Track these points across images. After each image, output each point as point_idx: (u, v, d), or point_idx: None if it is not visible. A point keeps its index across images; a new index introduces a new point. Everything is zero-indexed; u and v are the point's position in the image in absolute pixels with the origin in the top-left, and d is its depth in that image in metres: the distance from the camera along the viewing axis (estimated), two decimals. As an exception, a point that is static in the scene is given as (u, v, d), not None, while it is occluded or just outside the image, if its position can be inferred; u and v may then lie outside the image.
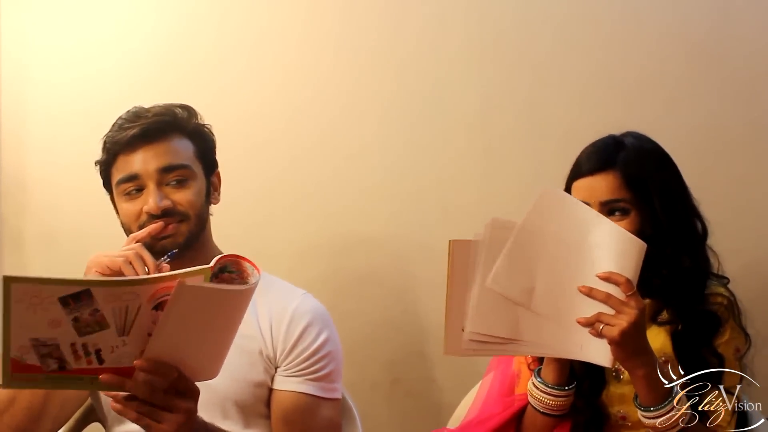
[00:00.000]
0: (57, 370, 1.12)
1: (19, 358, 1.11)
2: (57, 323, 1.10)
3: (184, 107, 1.61)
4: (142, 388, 1.17)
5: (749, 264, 1.93)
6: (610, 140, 1.58)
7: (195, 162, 1.59)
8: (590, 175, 1.52)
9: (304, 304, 1.60)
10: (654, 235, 1.47)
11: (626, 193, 1.49)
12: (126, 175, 1.55)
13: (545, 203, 1.37)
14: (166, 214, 1.52)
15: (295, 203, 2.21)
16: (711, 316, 1.50)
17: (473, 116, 2.13)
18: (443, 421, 1.68)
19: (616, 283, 1.32)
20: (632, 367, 1.36)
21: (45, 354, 1.11)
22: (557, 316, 1.37)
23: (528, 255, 1.37)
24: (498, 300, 1.37)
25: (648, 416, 1.38)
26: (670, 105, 2.02)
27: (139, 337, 1.15)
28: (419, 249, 2.17)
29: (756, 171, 2.01)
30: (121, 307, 1.12)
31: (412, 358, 2.19)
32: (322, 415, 1.55)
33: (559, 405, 1.48)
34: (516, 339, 1.38)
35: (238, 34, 2.22)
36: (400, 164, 2.17)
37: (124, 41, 2.25)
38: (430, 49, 2.14)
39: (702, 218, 1.57)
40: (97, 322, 1.11)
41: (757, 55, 2.00)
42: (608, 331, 1.30)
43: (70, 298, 1.09)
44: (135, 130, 1.54)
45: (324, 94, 2.19)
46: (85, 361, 1.13)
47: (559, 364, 1.46)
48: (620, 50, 2.06)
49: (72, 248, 2.27)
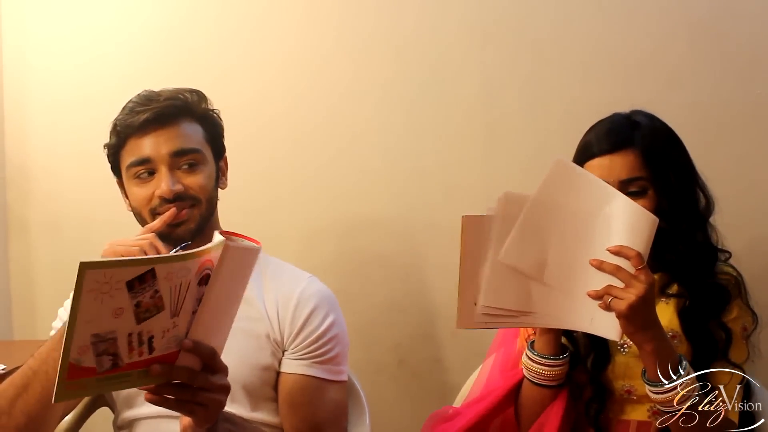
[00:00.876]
0: (110, 368, 1.07)
1: (76, 361, 1.04)
2: (120, 311, 1.04)
3: (195, 91, 1.60)
4: (186, 373, 1.15)
5: (751, 241, 1.93)
6: (622, 119, 1.57)
7: (205, 146, 1.59)
8: (608, 154, 1.52)
9: (310, 287, 1.61)
10: (671, 211, 1.48)
11: (645, 171, 1.50)
12: (137, 158, 1.54)
13: (557, 176, 1.37)
14: (177, 198, 1.51)
15: (297, 187, 2.21)
16: (720, 289, 1.51)
17: (474, 96, 2.13)
18: (449, 402, 1.69)
19: (626, 256, 1.31)
20: (641, 341, 1.36)
21: (102, 351, 1.05)
22: (568, 289, 1.38)
23: (540, 228, 1.38)
24: (510, 273, 1.38)
25: (656, 391, 1.38)
26: (672, 82, 2.01)
27: (185, 318, 1.12)
28: (423, 230, 2.17)
29: (757, 148, 2.00)
30: (175, 285, 1.08)
31: (418, 339, 2.20)
32: (329, 397, 1.56)
33: (554, 375, 1.49)
34: (528, 311, 1.40)
35: (238, 19, 2.21)
36: (401, 145, 2.17)
37: (125, 27, 2.25)
38: (430, 29, 2.14)
39: (708, 194, 1.57)
40: (155, 304, 1.07)
41: (759, 31, 1.99)
42: (617, 304, 1.31)
43: (137, 280, 1.04)
44: (147, 113, 1.53)
45: (325, 77, 2.19)
46: (137, 352, 1.08)
47: (551, 335, 1.47)
48: (621, 28, 2.05)
49: (76, 236, 2.28)
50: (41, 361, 1.37)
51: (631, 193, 1.48)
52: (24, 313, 2.37)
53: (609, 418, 1.54)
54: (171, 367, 1.13)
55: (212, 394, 1.19)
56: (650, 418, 1.51)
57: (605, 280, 1.33)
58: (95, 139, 1.65)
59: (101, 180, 1.73)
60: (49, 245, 2.33)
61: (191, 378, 1.16)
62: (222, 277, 1.12)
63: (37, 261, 2.36)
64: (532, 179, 2.06)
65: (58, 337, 1.35)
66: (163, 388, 1.15)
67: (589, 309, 1.35)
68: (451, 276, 2.10)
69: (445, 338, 2.18)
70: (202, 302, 1.12)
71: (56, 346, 1.34)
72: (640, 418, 1.53)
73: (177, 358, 1.14)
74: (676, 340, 1.49)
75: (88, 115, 2.24)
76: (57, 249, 2.31)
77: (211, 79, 2.13)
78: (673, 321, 1.51)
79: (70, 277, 1.70)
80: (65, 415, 1.59)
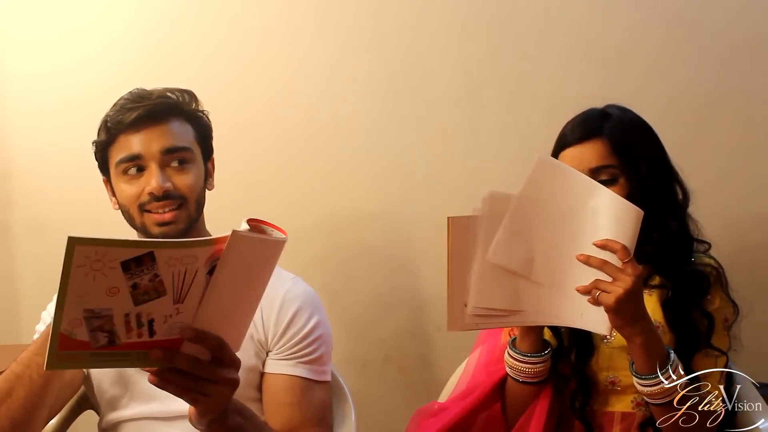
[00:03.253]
0: (106, 345, 1.06)
1: (68, 333, 1.04)
2: (115, 291, 1.03)
3: (186, 91, 1.61)
4: (189, 361, 1.13)
5: (729, 231, 1.95)
6: (595, 111, 1.60)
7: (195, 146, 1.59)
8: (578, 144, 1.54)
9: (294, 288, 1.61)
10: (642, 200, 1.48)
11: (614, 159, 1.51)
12: (128, 154, 1.53)
13: (541, 173, 1.37)
14: (166, 197, 1.51)
15: (280, 184, 2.21)
16: (700, 276, 1.52)
17: (456, 90, 2.14)
18: (434, 397, 1.69)
19: (612, 250, 1.32)
20: (629, 335, 1.36)
21: (96, 327, 1.04)
22: (557, 285, 1.38)
23: (526, 226, 1.38)
24: (499, 273, 1.38)
25: (644, 384, 1.39)
26: (650, 75, 2.03)
27: (191, 305, 1.10)
28: (407, 225, 2.18)
29: (734, 140, 2.03)
30: (180, 272, 1.06)
31: (404, 335, 2.21)
32: (313, 397, 1.56)
33: (536, 372, 1.50)
34: (518, 310, 1.40)
35: (218, 16, 2.21)
36: (384, 141, 2.18)
37: (105, 27, 2.24)
38: (410, 24, 2.14)
39: (684, 185, 1.59)
40: (155, 288, 1.06)
41: (734, 24, 2.01)
42: (604, 298, 1.31)
43: (133, 261, 1.03)
44: (139, 110, 1.52)
45: (306, 72, 2.19)
46: (136, 333, 1.07)
47: (532, 333, 1.48)
48: (600, 22, 2.06)
49: (60, 237, 2.23)
50: (24, 365, 1.37)
51: (602, 181, 1.49)
52: (7, 316, 2.35)
53: (593, 410, 1.55)
54: (174, 353, 1.12)
55: (217, 386, 1.17)
56: (634, 409, 1.53)
57: (593, 275, 1.34)
58: (77, 139, 1.65)
59: (83, 180, 1.72)
60: (32, 247, 2.32)
61: (194, 367, 1.14)
62: (229, 265, 1.10)
63: (20, 263, 2.34)
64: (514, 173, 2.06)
65: (40, 341, 1.34)
66: (165, 373, 1.14)
67: (578, 304, 1.36)
68: (437, 271, 2.12)
69: (431, 334, 2.18)
70: (207, 291, 1.11)
71: (39, 350, 1.34)
72: (624, 409, 1.54)
73: (181, 344, 1.13)
74: (660, 330, 1.50)
75: (70, 115, 2.23)
76: (40, 251, 2.30)
77: (193, 77, 2.10)
78: (656, 312, 1.52)
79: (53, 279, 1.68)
80: (50, 419, 1.58)
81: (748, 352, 1.59)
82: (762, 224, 2.02)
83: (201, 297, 1.11)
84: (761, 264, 2.01)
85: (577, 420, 1.55)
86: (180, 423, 1.52)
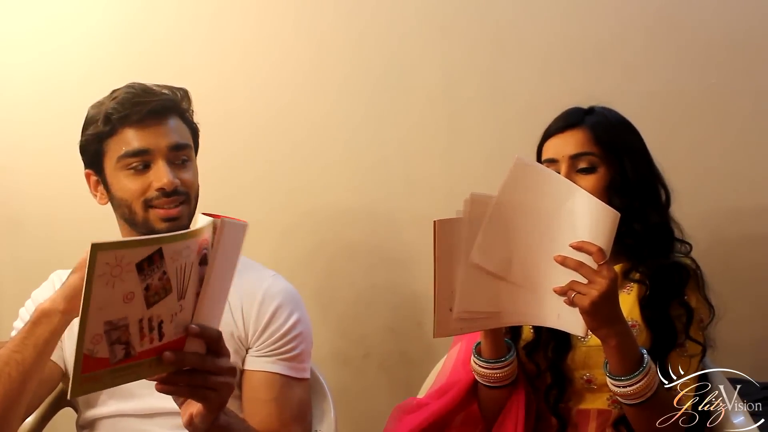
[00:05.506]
0: (123, 358, 1.04)
1: (90, 352, 1.00)
2: (131, 296, 1.02)
3: (182, 90, 1.62)
4: (196, 358, 1.14)
5: (706, 229, 1.96)
6: (580, 108, 1.62)
7: (191, 143, 1.61)
8: (560, 133, 1.56)
9: (274, 285, 1.61)
10: (622, 190, 1.51)
11: (595, 147, 1.53)
12: (134, 149, 1.52)
13: (519, 174, 1.37)
14: (174, 193, 1.52)
15: (259, 181, 2.21)
16: (678, 267, 1.53)
17: (435, 87, 2.14)
18: (413, 394, 1.70)
19: (588, 252, 1.31)
20: (604, 337, 1.36)
21: (114, 340, 1.02)
22: (535, 286, 1.38)
23: (505, 227, 1.37)
24: (481, 275, 1.38)
25: (618, 385, 1.39)
26: (628, 73, 2.04)
27: (191, 300, 1.11)
28: (386, 221, 2.18)
29: (711, 137, 2.04)
30: (180, 266, 1.06)
31: (384, 332, 2.21)
32: (293, 394, 1.56)
33: (503, 376, 1.51)
34: (497, 311, 1.40)
35: (197, 11, 2.20)
36: (363, 137, 2.18)
37: (82, 20, 2.22)
38: (389, 20, 2.14)
39: (666, 186, 1.60)
40: (164, 287, 1.05)
41: (712, 22, 2.02)
42: (579, 300, 1.31)
43: (145, 261, 1.02)
44: (151, 106, 1.53)
45: (285, 69, 2.18)
46: (149, 339, 1.06)
47: (493, 339, 1.49)
48: (579, 20, 2.07)
49: (39, 234, 2.26)
50: (3, 363, 1.35)
51: (581, 170, 1.52)
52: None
53: (569, 407, 1.56)
54: (182, 353, 1.12)
55: (221, 377, 1.18)
56: (610, 407, 1.54)
57: (570, 276, 1.34)
58: (57, 134, 1.64)
59: (62, 176, 1.71)
60: (11, 243, 2.30)
61: (200, 363, 1.15)
62: (220, 254, 1.11)
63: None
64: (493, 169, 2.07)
65: (18, 338, 1.34)
66: (174, 376, 1.14)
67: (555, 305, 1.36)
68: (417, 267, 2.14)
69: (411, 330, 2.19)
70: (204, 282, 1.11)
71: (17, 347, 1.33)
72: (599, 406, 1.54)
73: (184, 344, 1.13)
74: (636, 329, 1.51)
75: (48, 110, 2.21)
76: (19, 247, 2.28)
77: (170, 71, 2.08)
78: (634, 310, 1.53)
79: (32, 275, 1.71)
80: (28, 416, 1.57)
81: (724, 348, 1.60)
82: (737, 221, 2.04)
83: (196, 290, 1.11)
84: (736, 260, 2.03)
85: (553, 417, 1.56)
86: (159, 420, 1.52)
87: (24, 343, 1.32)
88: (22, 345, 1.33)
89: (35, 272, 1.72)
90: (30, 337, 1.32)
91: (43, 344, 1.32)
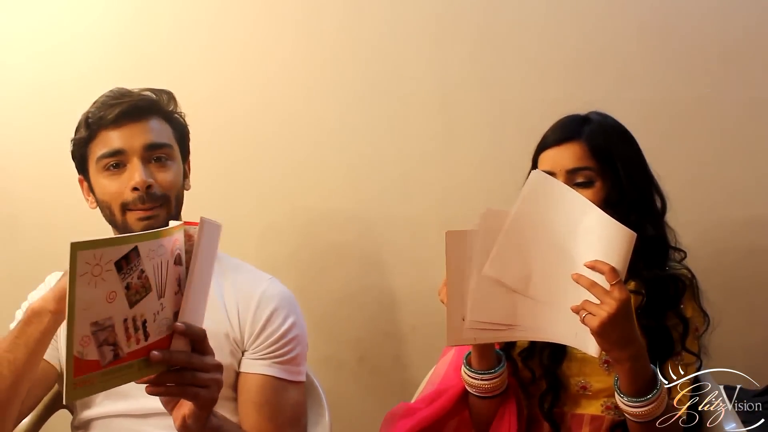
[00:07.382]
0: (112, 360, 1.06)
1: (80, 354, 1.02)
2: (113, 296, 1.04)
3: (165, 92, 1.63)
4: (183, 356, 1.15)
5: (701, 237, 1.97)
6: (577, 116, 1.62)
7: (174, 144, 1.61)
8: (556, 146, 1.56)
9: (271, 288, 1.61)
10: (619, 203, 1.51)
11: (591, 162, 1.53)
12: (110, 150, 1.54)
13: (535, 189, 1.37)
14: (149, 194, 1.52)
15: (253, 184, 2.21)
16: (674, 279, 1.53)
17: (431, 92, 2.15)
18: (408, 398, 1.70)
19: (600, 271, 1.29)
20: (616, 358, 1.35)
21: (102, 341, 1.04)
22: (553, 302, 1.37)
23: (522, 242, 1.37)
24: (496, 287, 1.38)
25: (628, 404, 1.38)
26: (622, 81, 2.06)
27: (171, 298, 1.12)
28: (382, 225, 2.19)
29: (704, 144, 2.05)
30: (157, 264, 1.08)
31: (378, 335, 2.21)
32: (288, 397, 1.57)
33: (491, 387, 1.51)
34: (514, 324, 1.40)
35: (197, 14, 2.20)
36: (358, 140, 2.18)
37: (79, 22, 2.22)
38: (388, 26, 2.15)
39: (661, 193, 1.60)
40: (143, 285, 1.07)
41: (707, 30, 2.03)
42: (590, 320, 1.29)
43: (123, 260, 1.03)
44: (122, 107, 1.54)
45: (282, 73, 2.18)
46: (135, 339, 1.08)
47: (483, 351, 1.49)
48: (574, 28, 2.08)
49: (34, 235, 2.25)
50: (-4, 362, 1.36)
51: (578, 184, 1.51)
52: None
53: (563, 412, 1.56)
54: (169, 352, 1.14)
55: (209, 374, 1.20)
56: (604, 413, 1.54)
57: (587, 294, 1.31)
58: (51, 136, 1.64)
59: (58, 178, 1.71)
60: (7, 245, 2.29)
61: (187, 360, 1.16)
62: (201, 253, 1.13)
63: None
64: (488, 175, 2.09)
65: (10, 338, 1.34)
66: (163, 377, 1.16)
67: (573, 323, 1.33)
68: (411, 270, 2.14)
69: (405, 334, 2.19)
70: (187, 281, 1.13)
71: (9, 347, 1.33)
72: (593, 412, 1.55)
73: (169, 343, 1.14)
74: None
75: (45, 112, 2.21)
76: (14, 249, 2.28)
77: (169, 74, 2.12)
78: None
79: (28, 276, 1.71)
80: (23, 417, 1.57)
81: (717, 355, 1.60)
82: (732, 230, 2.05)
83: (174, 289, 1.13)
84: (732, 269, 2.04)
85: (545, 422, 1.56)
86: (153, 420, 1.52)
87: (15, 342, 1.33)
88: (14, 345, 1.33)
89: (31, 274, 1.72)
90: (21, 336, 1.33)
91: (35, 344, 1.33)
